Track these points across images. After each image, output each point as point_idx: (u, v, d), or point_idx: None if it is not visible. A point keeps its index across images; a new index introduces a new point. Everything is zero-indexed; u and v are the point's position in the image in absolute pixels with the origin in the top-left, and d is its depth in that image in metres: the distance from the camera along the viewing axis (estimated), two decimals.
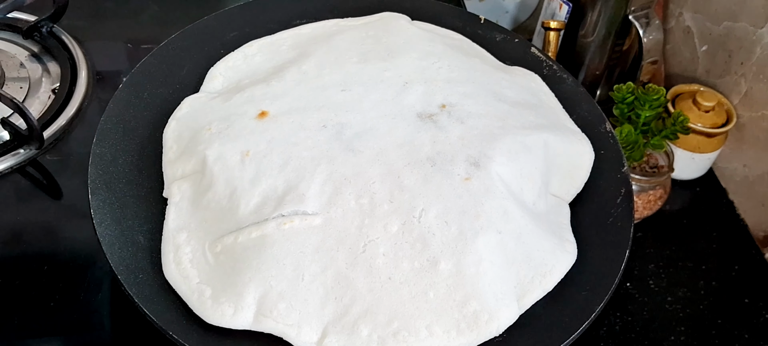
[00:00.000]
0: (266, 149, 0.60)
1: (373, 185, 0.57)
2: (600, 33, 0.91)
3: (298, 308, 0.53)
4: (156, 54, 0.71)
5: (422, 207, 0.56)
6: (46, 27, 0.90)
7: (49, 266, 0.70)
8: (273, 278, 0.53)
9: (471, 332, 0.52)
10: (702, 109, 0.86)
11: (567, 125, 0.69)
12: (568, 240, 0.61)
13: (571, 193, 0.66)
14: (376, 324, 0.52)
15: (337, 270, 0.54)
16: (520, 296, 0.56)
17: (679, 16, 0.96)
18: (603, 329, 0.74)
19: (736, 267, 0.83)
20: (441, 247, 0.54)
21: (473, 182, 0.58)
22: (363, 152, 0.60)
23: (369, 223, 0.55)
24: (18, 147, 0.78)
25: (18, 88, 0.84)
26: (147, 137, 0.66)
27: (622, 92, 0.80)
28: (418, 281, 0.53)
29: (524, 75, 0.73)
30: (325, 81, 0.67)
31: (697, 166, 0.90)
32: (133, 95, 0.68)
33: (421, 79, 0.67)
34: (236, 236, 0.55)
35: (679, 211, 0.89)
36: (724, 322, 0.77)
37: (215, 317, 0.53)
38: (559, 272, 0.58)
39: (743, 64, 0.87)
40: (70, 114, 0.82)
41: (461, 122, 0.63)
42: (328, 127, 0.62)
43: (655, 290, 0.79)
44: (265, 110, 0.63)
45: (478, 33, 0.78)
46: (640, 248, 0.83)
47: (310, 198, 0.56)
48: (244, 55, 0.72)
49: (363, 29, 0.74)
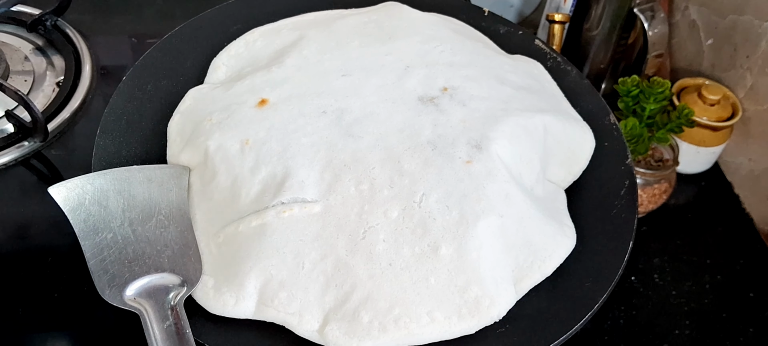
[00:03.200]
0: (265, 137, 0.60)
1: (373, 171, 0.57)
2: (605, 26, 0.90)
3: (299, 296, 0.53)
4: (159, 47, 0.71)
5: (423, 192, 0.56)
6: (51, 21, 0.90)
7: (53, 258, 0.70)
8: (273, 266, 0.53)
9: (472, 318, 0.52)
10: (707, 103, 0.86)
11: (568, 112, 0.69)
12: (567, 225, 0.61)
13: (569, 179, 0.65)
14: (377, 311, 0.52)
15: (338, 257, 0.54)
16: (518, 279, 0.56)
17: (684, 9, 0.95)
18: (607, 322, 0.74)
19: (741, 261, 0.82)
20: (442, 232, 0.54)
21: (475, 165, 0.58)
22: (363, 138, 0.59)
23: (369, 209, 0.55)
24: (22, 140, 0.79)
25: (22, 81, 0.84)
26: (151, 130, 0.66)
27: (627, 85, 0.80)
28: (419, 266, 0.53)
29: (526, 62, 0.73)
30: (325, 66, 0.66)
31: (702, 160, 0.90)
32: (137, 88, 0.68)
33: (423, 63, 0.67)
34: (237, 226, 0.55)
35: (684, 205, 0.88)
36: (729, 316, 0.76)
37: (217, 307, 0.53)
38: (559, 256, 0.58)
39: (749, 58, 0.86)
40: (74, 107, 0.82)
41: (463, 105, 0.63)
42: (327, 113, 0.62)
43: (660, 284, 0.79)
44: (265, 98, 0.63)
45: (482, 26, 0.78)
46: (644, 242, 0.83)
47: (310, 185, 0.56)
48: (245, 43, 0.72)
49: (365, 15, 0.74)
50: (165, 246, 0.55)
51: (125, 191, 0.57)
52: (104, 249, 0.54)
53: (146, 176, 0.59)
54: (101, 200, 0.56)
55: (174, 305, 0.51)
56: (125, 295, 0.52)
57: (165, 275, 0.53)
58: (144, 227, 0.56)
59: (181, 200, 0.58)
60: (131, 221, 0.56)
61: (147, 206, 0.57)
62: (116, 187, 0.58)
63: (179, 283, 0.53)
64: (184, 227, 0.57)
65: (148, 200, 0.57)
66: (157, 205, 0.57)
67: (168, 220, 0.57)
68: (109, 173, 0.58)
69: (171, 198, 0.58)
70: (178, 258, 0.55)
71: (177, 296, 0.52)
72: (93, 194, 0.57)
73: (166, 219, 0.57)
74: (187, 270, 0.54)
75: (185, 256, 0.55)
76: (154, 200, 0.57)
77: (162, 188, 0.58)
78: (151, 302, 0.51)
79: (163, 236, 0.56)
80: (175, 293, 0.52)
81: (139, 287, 0.53)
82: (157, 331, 0.50)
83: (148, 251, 0.54)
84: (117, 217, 0.56)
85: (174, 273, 0.54)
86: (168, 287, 0.53)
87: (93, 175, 0.58)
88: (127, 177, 0.58)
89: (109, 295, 0.52)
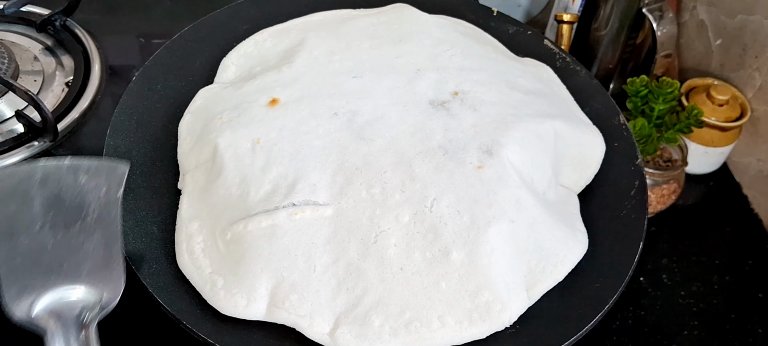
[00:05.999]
0: (277, 137, 0.60)
1: (385, 175, 0.57)
2: (613, 26, 0.90)
3: (310, 299, 0.53)
4: (169, 47, 0.72)
5: (434, 196, 0.56)
6: (60, 21, 0.90)
7: None
8: (285, 269, 0.53)
9: (483, 323, 0.52)
10: (716, 103, 0.86)
11: (579, 116, 0.69)
12: (579, 230, 0.61)
13: (581, 184, 0.65)
14: (388, 315, 0.52)
15: (349, 261, 0.54)
16: (531, 285, 0.56)
17: (693, 9, 0.95)
18: (616, 322, 0.74)
19: (749, 262, 0.82)
20: (453, 237, 0.54)
21: (486, 170, 0.58)
22: (374, 141, 0.59)
23: (380, 213, 0.55)
24: (32, 140, 0.78)
25: (32, 81, 0.84)
26: (160, 129, 0.66)
27: (635, 85, 0.80)
28: (430, 271, 0.53)
29: (536, 65, 0.73)
30: (336, 67, 0.67)
31: (710, 160, 0.90)
32: (147, 88, 0.68)
33: (434, 67, 0.67)
34: (246, 224, 0.55)
35: (693, 205, 0.88)
36: (738, 316, 0.76)
37: (228, 308, 0.53)
38: (571, 261, 0.58)
39: (758, 58, 0.86)
40: (83, 107, 0.82)
41: (474, 110, 0.63)
42: (339, 115, 0.62)
43: (668, 284, 0.79)
44: (276, 98, 0.63)
45: (490, 26, 0.78)
46: (653, 243, 0.83)
47: (322, 188, 0.56)
48: (254, 42, 0.73)
49: (374, 17, 0.74)
50: (86, 256, 0.50)
51: (53, 187, 0.51)
52: (17, 256, 0.48)
53: (79, 169, 0.52)
54: (24, 198, 0.50)
55: (86, 323, 0.47)
56: (33, 311, 0.47)
57: (81, 289, 0.49)
58: (67, 231, 0.50)
59: (113, 200, 0.52)
60: (53, 223, 0.50)
61: (74, 205, 0.51)
62: (44, 182, 0.50)
63: (95, 300, 0.49)
64: (111, 234, 0.51)
65: (77, 200, 0.51)
66: (86, 205, 0.51)
67: (94, 224, 0.51)
68: (37, 165, 0.51)
69: (102, 198, 0.51)
70: (98, 270, 0.50)
71: (89, 315, 0.47)
72: (15, 189, 0.50)
73: (94, 223, 0.51)
74: (106, 286, 0.49)
75: (106, 268, 0.50)
76: (82, 200, 0.51)
77: (94, 186, 0.51)
78: (59, 322, 0.47)
79: (86, 244, 0.50)
80: (88, 312, 0.48)
81: (49, 303, 0.48)
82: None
83: (67, 260, 0.49)
84: (38, 219, 0.50)
85: (91, 287, 0.49)
86: (82, 304, 0.48)
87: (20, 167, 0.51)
88: (56, 171, 0.51)
89: (17, 310, 0.47)
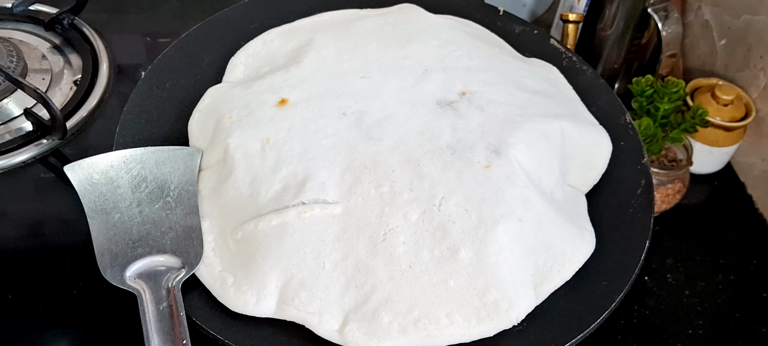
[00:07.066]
0: (286, 137, 0.60)
1: (393, 174, 0.58)
2: (618, 26, 0.90)
3: (320, 296, 0.53)
4: (177, 46, 0.72)
5: (442, 195, 0.56)
6: (68, 19, 0.91)
7: (72, 255, 0.71)
8: (294, 266, 0.54)
9: (491, 321, 0.53)
10: (721, 103, 0.86)
11: (585, 116, 0.69)
12: (587, 229, 0.61)
13: (588, 184, 0.66)
14: (396, 312, 0.52)
15: (358, 259, 0.54)
16: (538, 284, 0.56)
17: (697, 9, 0.95)
18: (620, 321, 0.74)
19: (754, 261, 0.82)
20: (461, 235, 0.55)
21: (494, 169, 0.58)
22: (383, 140, 0.60)
23: (389, 211, 0.56)
24: (41, 137, 0.79)
25: (40, 79, 0.85)
26: (169, 127, 0.66)
27: (641, 85, 0.80)
28: (439, 269, 0.54)
29: (542, 66, 0.73)
30: (344, 68, 0.67)
31: (715, 160, 0.90)
32: (155, 86, 0.69)
33: (441, 67, 0.67)
34: (256, 223, 0.56)
35: (698, 205, 0.88)
36: (743, 316, 0.76)
37: (238, 305, 0.54)
38: (578, 260, 0.58)
39: (762, 58, 0.86)
40: (91, 105, 0.83)
41: (481, 110, 0.63)
42: (347, 114, 0.62)
43: (673, 283, 0.79)
44: (285, 98, 0.64)
45: (497, 25, 0.78)
46: (658, 242, 0.83)
47: (331, 187, 0.57)
48: (262, 42, 0.73)
49: (381, 17, 0.74)
50: (169, 228, 0.57)
51: (137, 171, 0.59)
52: (110, 229, 0.56)
53: (158, 157, 0.61)
54: (113, 181, 0.59)
55: (171, 286, 0.53)
56: (126, 275, 0.54)
57: (166, 257, 0.55)
58: (151, 208, 0.58)
59: (190, 181, 0.60)
60: (139, 201, 0.58)
61: (156, 187, 0.59)
62: (128, 167, 0.59)
63: (179, 265, 0.55)
64: (190, 209, 0.58)
65: (158, 182, 0.59)
66: (167, 186, 0.59)
67: (175, 202, 0.58)
68: (123, 153, 0.60)
69: (180, 180, 0.60)
70: (180, 241, 0.56)
71: (175, 279, 0.53)
72: (105, 173, 0.59)
73: (174, 201, 0.58)
74: (188, 253, 0.56)
75: (188, 239, 0.56)
76: (163, 182, 0.59)
77: (172, 170, 0.60)
78: (149, 284, 0.53)
79: (169, 218, 0.57)
80: (173, 275, 0.54)
81: (139, 268, 0.54)
82: (152, 312, 0.51)
83: (153, 232, 0.56)
84: (126, 198, 0.58)
85: (175, 255, 0.55)
86: (168, 269, 0.54)
87: (107, 155, 0.60)
88: (140, 158, 0.60)
89: (111, 274, 0.53)
